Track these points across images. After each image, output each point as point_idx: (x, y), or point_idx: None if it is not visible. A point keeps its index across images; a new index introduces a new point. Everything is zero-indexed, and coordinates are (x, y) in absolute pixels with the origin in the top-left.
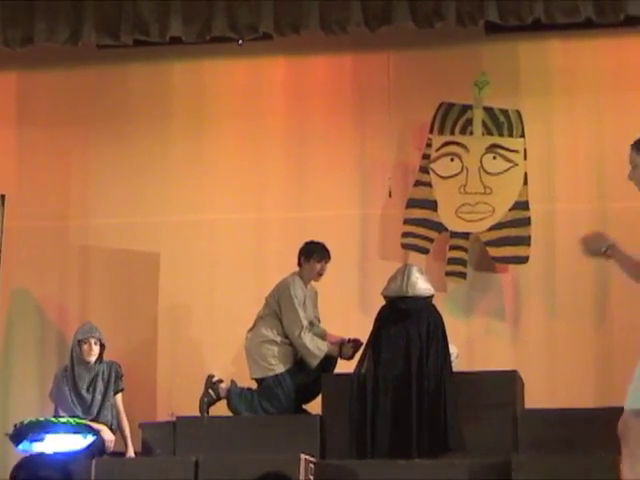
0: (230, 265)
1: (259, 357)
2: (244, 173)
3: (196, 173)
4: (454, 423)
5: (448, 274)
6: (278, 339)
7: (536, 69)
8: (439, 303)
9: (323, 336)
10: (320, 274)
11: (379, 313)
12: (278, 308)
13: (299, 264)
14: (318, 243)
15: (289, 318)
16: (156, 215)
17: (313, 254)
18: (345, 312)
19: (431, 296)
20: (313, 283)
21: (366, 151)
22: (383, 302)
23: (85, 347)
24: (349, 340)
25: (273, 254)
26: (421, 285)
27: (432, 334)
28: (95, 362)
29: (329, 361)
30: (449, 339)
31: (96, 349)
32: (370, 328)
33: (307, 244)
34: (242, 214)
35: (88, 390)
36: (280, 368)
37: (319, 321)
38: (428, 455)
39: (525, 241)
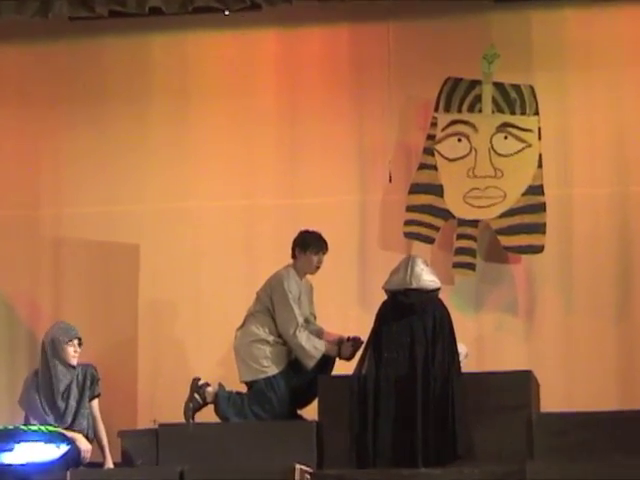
0: (217, 257)
1: (249, 358)
2: (232, 156)
3: (179, 157)
4: (463, 428)
5: (455, 265)
6: (270, 338)
7: (550, 41)
8: (446, 297)
9: (320, 334)
10: (317, 267)
11: (380, 309)
12: (270, 304)
13: (293, 256)
14: (314, 233)
15: (283, 315)
16: (135, 203)
17: (309, 245)
18: (344, 308)
19: (437, 289)
20: (309, 277)
21: (365, 131)
22: (385, 297)
23: (70, 349)
24: (348, 338)
25: (264, 245)
26: (426, 277)
27: (438, 331)
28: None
29: (326, 362)
30: (457, 337)
31: (79, 350)
32: (371, 325)
33: (302, 234)
34: (230, 201)
35: (62, 396)
36: (273, 370)
37: (315, 318)
38: (435, 463)
39: (540, 229)
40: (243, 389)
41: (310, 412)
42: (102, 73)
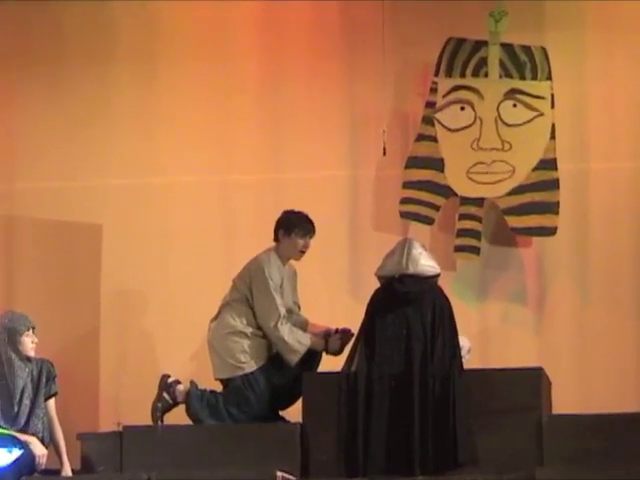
0: (190, 239)
1: (225, 352)
2: (206, 127)
3: (147, 127)
4: (465, 432)
5: (458, 249)
6: (248, 330)
7: None
8: (446, 285)
9: (304, 326)
10: (302, 252)
11: (373, 297)
12: (249, 292)
13: (276, 239)
14: (300, 214)
15: (262, 305)
16: (97, 178)
17: (294, 227)
18: (332, 297)
19: (436, 276)
20: (292, 262)
21: (356, 99)
22: (377, 284)
23: (27, 339)
24: (336, 331)
25: (243, 226)
26: (424, 262)
27: (438, 323)
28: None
29: (312, 357)
30: (459, 329)
31: (36, 341)
32: (362, 316)
33: (287, 214)
34: (204, 176)
35: (18, 395)
36: (251, 366)
37: (299, 308)
38: (434, 472)
39: (552, 208)
40: (218, 387)
41: (293, 413)
42: (60, 33)
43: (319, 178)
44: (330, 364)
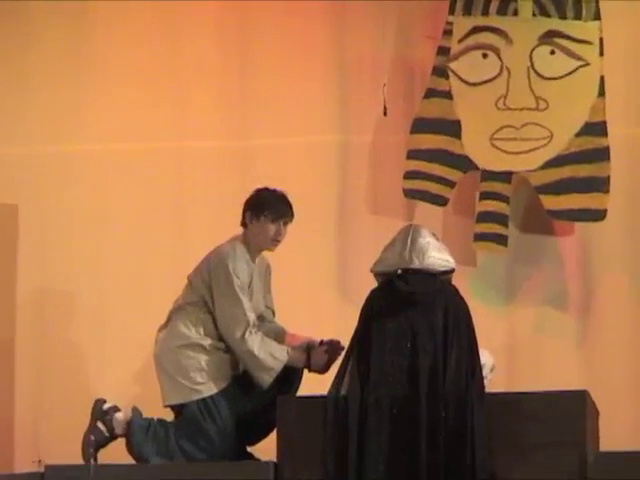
0: (131, 224)
1: (177, 371)
2: (150, 78)
3: (71, 79)
4: (487, 471)
5: (478, 238)
6: (207, 342)
7: None
8: (464, 283)
9: (280, 337)
10: (276, 241)
11: (368, 300)
12: (208, 293)
13: (243, 224)
14: (274, 192)
15: (226, 309)
16: (7, 145)
17: (265, 209)
18: (316, 299)
19: (450, 272)
20: (266, 254)
21: (347, 44)
22: (374, 283)
23: None
24: (322, 343)
25: (199, 206)
26: (434, 254)
27: (452, 333)
28: None
29: (290, 376)
30: (479, 341)
31: None
32: (354, 324)
33: (257, 193)
34: (148, 143)
35: None
36: (210, 388)
37: (274, 314)
38: None
39: (601, 185)
40: (168, 416)
41: (265, 449)
42: None
43: (299, 145)
44: (313, 385)
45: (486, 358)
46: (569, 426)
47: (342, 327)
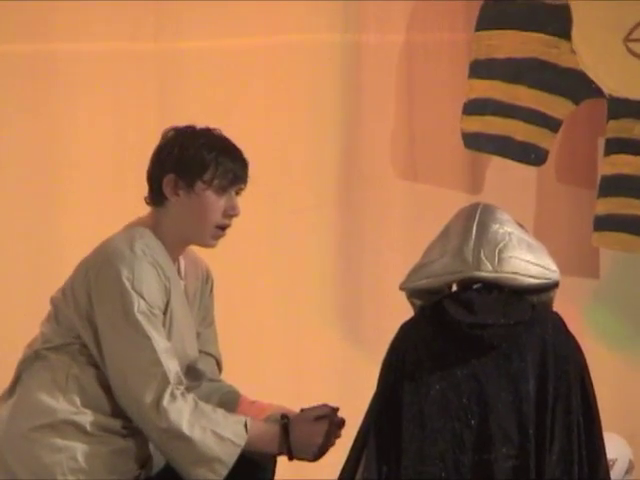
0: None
1: (31, 473)
2: None
3: None
4: None
5: (602, 226)
6: (87, 419)
7: None
8: (574, 309)
9: (230, 405)
10: (221, 227)
11: (398, 341)
12: (87, 328)
13: (156, 198)
14: (212, 134)
15: (123, 355)
16: None
17: (203, 168)
18: (298, 331)
19: (550, 287)
20: (201, 252)
21: None
22: (408, 310)
23: None
24: (302, 411)
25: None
26: (521, 255)
27: (553, 403)
28: None
29: (255, 470)
30: (604, 417)
31: None
32: (373, 380)
33: (182, 139)
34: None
35: None
36: None
37: (219, 364)
38: None
39: None
40: None
41: None
42: None
43: (268, 48)
44: None
45: (618, 449)
46: None
47: (347, 384)
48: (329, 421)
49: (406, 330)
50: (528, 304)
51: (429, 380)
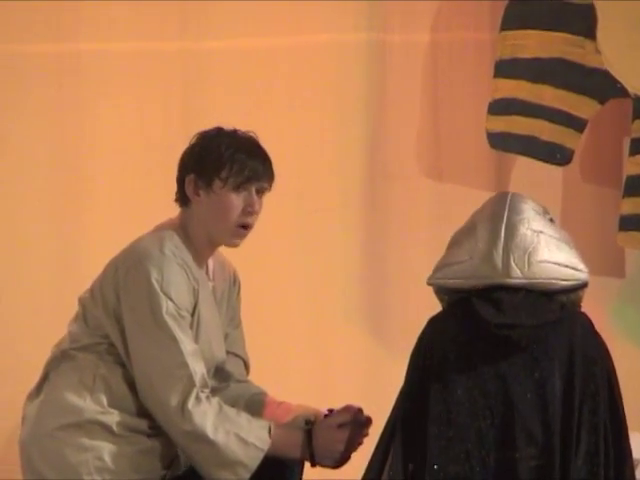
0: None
1: (58, 472)
2: None
3: None
4: None
5: (628, 225)
6: (114, 419)
7: None
8: (601, 309)
9: (256, 407)
10: (244, 226)
11: (424, 338)
12: (115, 328)
13: (182, 198)
14: (235, 135)
15: (150, 357)
16: None
17: (220, 167)
18: (323, 331)
19: (579, 288)
20: (227, 253)
21: None
22: (436, 305)
23: None
24: (330, 412)
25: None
26: (551, 257)
27: (580, 405)
28: None
29: (278, 475)
30: (630, 418)
31: None
32: (399, 379)
33: (204, 141)
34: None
35: None
36: None
37: (246, 366)
38: None
39: None
40: None
41: None
42: None
43: (296, 47)
44: None
45: None
46: None
47: (372, 384)
48: (354, 422)
49: (433, 327)
50: (557, 304)
51: (456, 379)
